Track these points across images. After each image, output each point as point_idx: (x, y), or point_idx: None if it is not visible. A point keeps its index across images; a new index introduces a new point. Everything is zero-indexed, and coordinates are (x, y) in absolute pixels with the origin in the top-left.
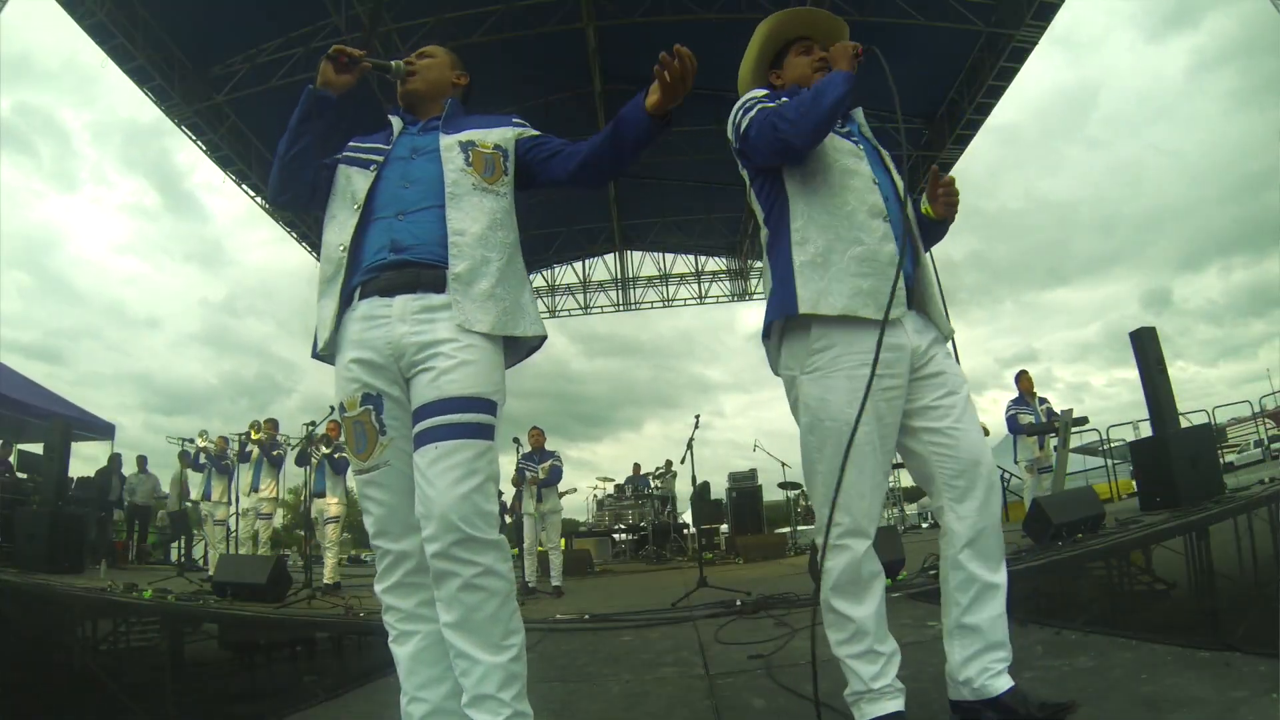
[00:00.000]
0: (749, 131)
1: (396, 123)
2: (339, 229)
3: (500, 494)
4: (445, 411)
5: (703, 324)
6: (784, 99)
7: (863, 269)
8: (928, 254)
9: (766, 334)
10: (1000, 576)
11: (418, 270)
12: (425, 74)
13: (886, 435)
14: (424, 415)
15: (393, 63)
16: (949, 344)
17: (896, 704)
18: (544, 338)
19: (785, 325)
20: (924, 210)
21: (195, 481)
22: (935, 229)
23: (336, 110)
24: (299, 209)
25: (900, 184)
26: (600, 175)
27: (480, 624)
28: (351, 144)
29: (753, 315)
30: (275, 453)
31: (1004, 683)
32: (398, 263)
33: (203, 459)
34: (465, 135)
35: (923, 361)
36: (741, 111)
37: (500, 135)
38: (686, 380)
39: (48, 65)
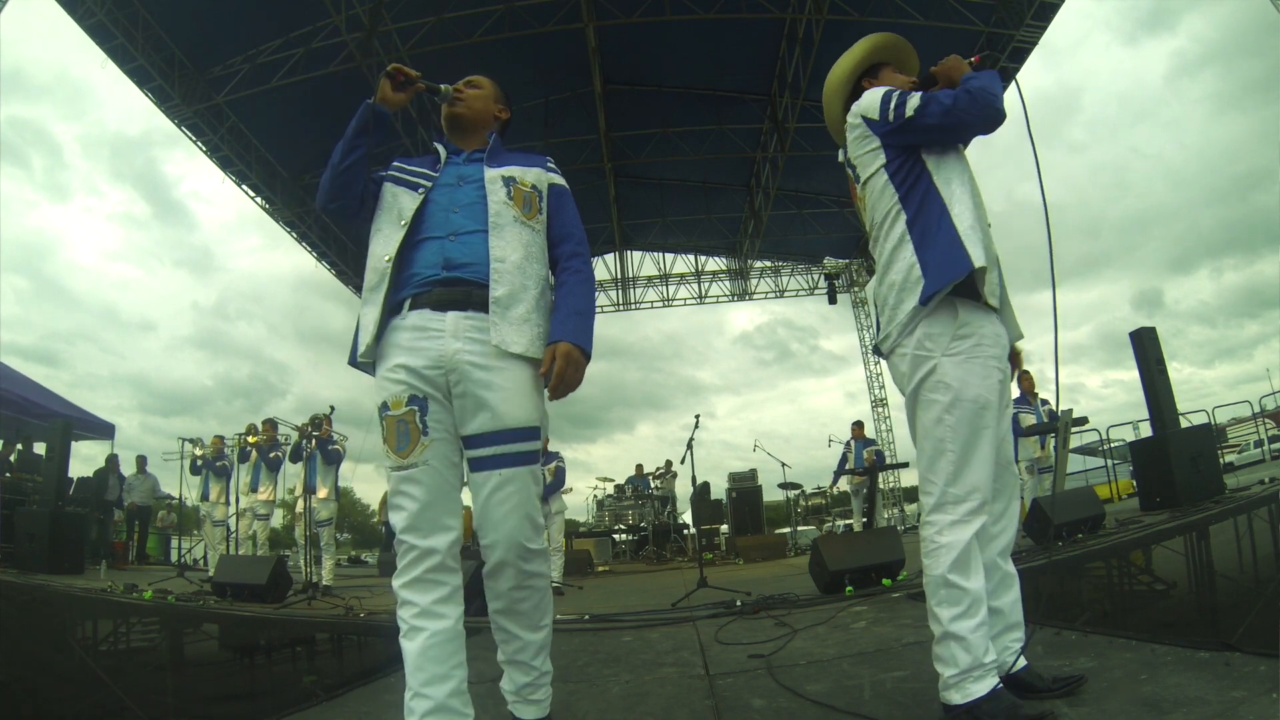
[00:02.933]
0: (938, 101)
1: (442, 151)
2: (385, 242)
3: None
4: (503, 442)
5: (691, 326)
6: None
7: (989, 257)
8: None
9: (925, 300)
10: (1014, 568)
11: (469, 289)
12: (471, 102)
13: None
14: (483, 443)
15: (442, 86)
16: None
17: (996, 679)
18: None
19: (932, 305)
20: None
21: (193, 484)
22: None
23: (388, 127)
24: (346, 219)
25: None
26: None
27: (524, 612)
28: (396, 163)
29: (742, 317)
30: (273, 454)
31: (1020, 661)
32: (450, 279)
33: (199, 463)
34: (507, 170)
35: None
36: (899, 94)
37: (536, 177)
38: (677, 382)
39: (40, 79)
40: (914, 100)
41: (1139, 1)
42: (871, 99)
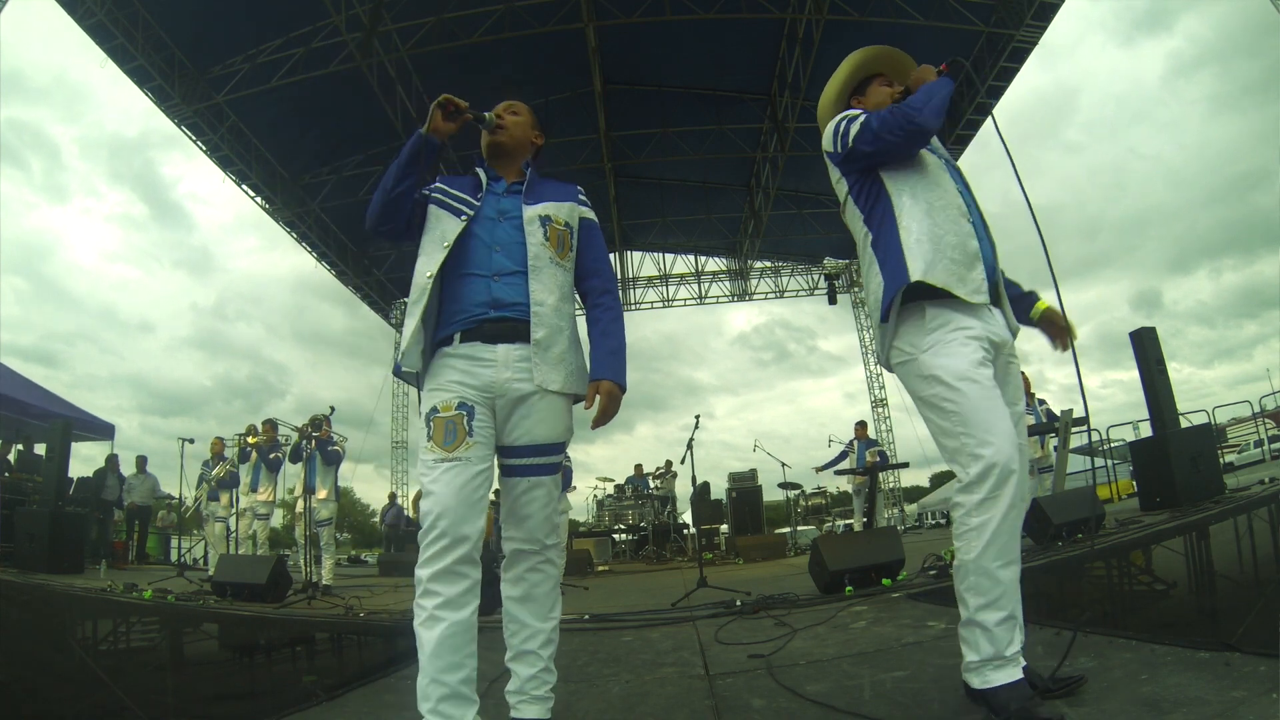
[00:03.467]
0: (869, 127)
1: (482, 176)
2: (428, 261)
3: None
4: (536, 454)
5: (688, 327)
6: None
7: (955, 255)
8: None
9: (885, 317)
10: (1019, 569)
11: (515, 325)
12: (512, 130)
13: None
14: (520, 454)
15: (487, 115)
16: (1015, 350)
17: (1019, 671)
18: None
19: (901, 310)
20: (1033, 315)
21: (192, 482)
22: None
23: (438, 153)
24: (394, 239)
25: (976, 198)
26: None
27: (537, 597)
28: (440, 185)
29: (740, 318)
30: (273, 455)
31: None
32: (498, 319)
33: (214, 487)
34: (543, 208)
35: (1002, 362)
36: (845, 123)
37: (568, 213)
38: (674, 383)
39: (39, 81)
40: (855, 128)
41: (1134, 2)
42: (828, 133)
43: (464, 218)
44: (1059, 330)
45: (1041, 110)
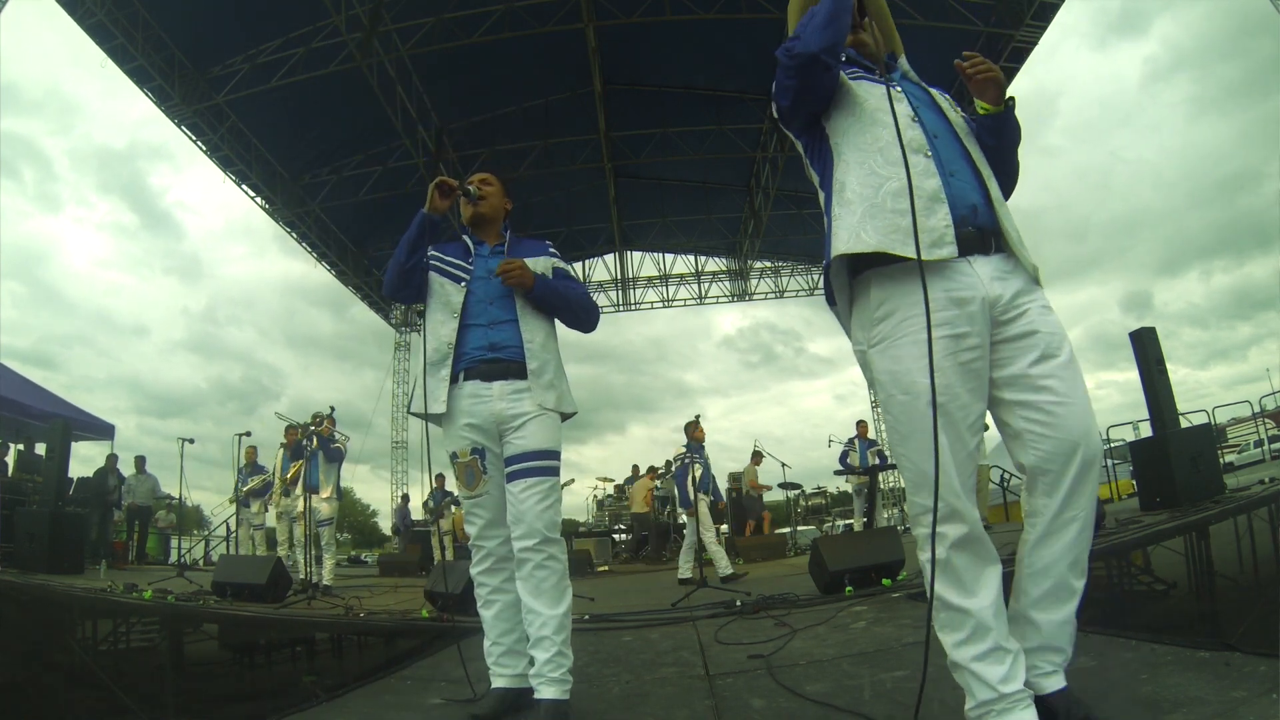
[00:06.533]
0: (776, 82)
1: (469, 243)
2: (444, 329)
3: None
4: (531, 459)
5: (676, 330)
6: None
7: (899, 204)
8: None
9: (831, 299)
10: (1079, 581)
11: (507, 364)
12: (491, 200)
13: (968, 400)
14: (518, 460)
15: (471, 189)
16: (1042, 291)
17: (1031, 713)
18: (576, 411)
19: (853, 291)
20: (980, 110)
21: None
22: (1002, 127)
23: (438, 229)
24: (410, 303)
25: (959, 122)
26: (574, 326)
27: (546, 590)
28: (434, 253)
29: (726, 321)
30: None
31: (1054, 683)
32: (494, 359)
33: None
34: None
35: (1008, 316)
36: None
37: (544, 265)
38: (664, 385)
39: (32, 94)
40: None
41: (1107, 6)
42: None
43: (463, 284)
44: (971, 71)
45: (1021, 114)
